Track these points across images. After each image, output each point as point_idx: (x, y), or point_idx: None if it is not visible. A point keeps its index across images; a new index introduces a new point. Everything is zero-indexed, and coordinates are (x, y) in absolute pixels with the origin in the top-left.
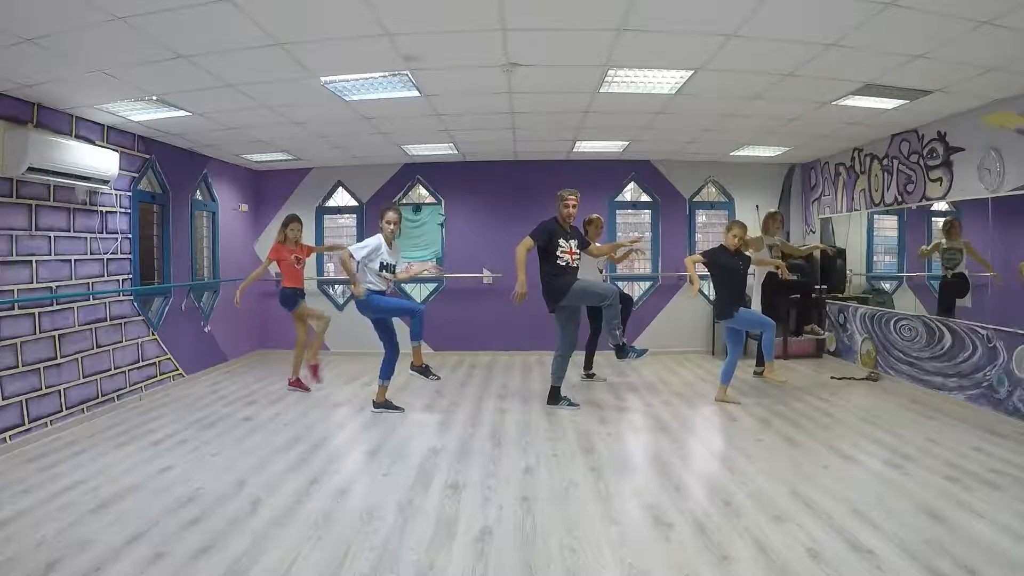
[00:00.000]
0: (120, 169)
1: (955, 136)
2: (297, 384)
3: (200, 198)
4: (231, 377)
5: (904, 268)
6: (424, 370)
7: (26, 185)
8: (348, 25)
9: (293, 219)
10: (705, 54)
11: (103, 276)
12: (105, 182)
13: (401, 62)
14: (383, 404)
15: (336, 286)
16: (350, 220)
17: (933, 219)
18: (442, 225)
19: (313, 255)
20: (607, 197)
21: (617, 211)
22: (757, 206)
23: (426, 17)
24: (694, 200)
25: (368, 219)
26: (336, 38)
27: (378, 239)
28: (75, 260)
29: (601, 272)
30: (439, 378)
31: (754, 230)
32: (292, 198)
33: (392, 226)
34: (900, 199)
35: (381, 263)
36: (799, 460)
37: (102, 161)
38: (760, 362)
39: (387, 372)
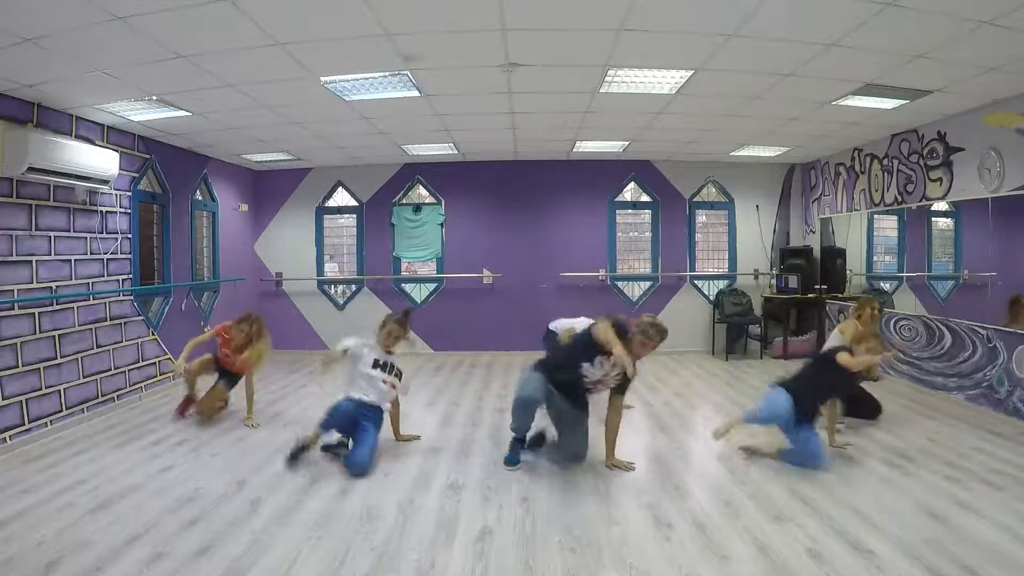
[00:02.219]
0: (120, 169)
1: (955, 136)
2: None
3: (200, 198)
4: None
5: (904, 268)
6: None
7: (26, 185)
8: (348, 25)
9: (243, 319)
10: (705, 54)
11: (103, 276)
12: (105, 182)
13: (401, 62)
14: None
15: (334, 286)
16: (350, 220)
17: (933, 219)
18: (442, 225)
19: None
20: (607, 197)
21: (617, 211)
22: (757, 206)
23: (426, 17)
24: (694, 200)
25: (368, 219)
26: (336, 38)
27: (359, 342)
28: (75, 260)
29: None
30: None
31: (754, 231)
32: (292, 198)
33: (392, 338)
34: (900, 199)
35: (375, 360)
36: None
37: (102, 161)
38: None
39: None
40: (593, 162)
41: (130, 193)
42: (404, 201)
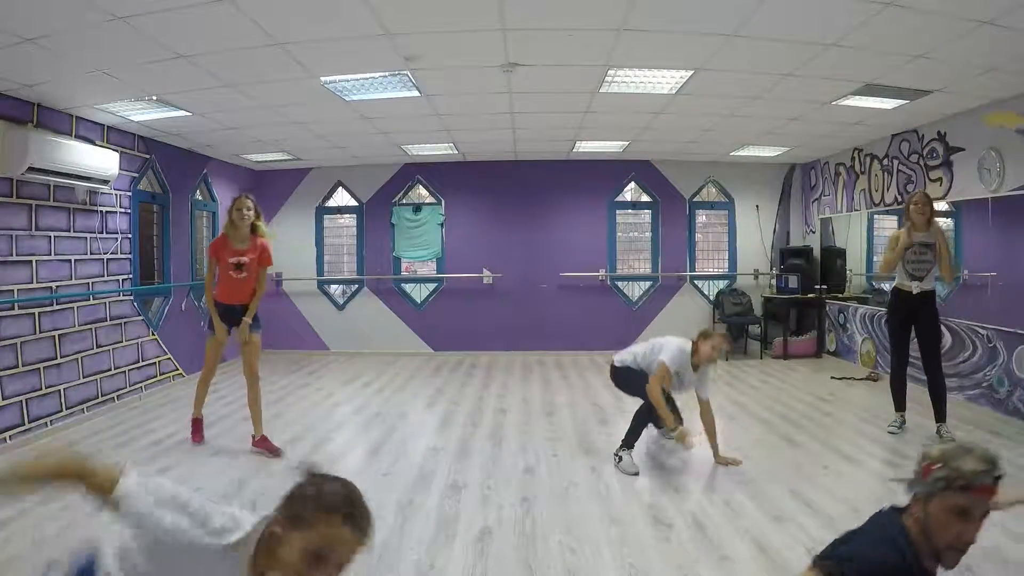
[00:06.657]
0: (120, 169)
1: (955, 136)
2: (264, 444)
3: (200, 198)
4: (231, 377)
5: None
6: None
7: (26, 185)
8: (348, 25)
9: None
10: (705, 54)
11: (103, 276)
12: (105, 182)
13: (401, 62)
14: None
15: (333, 285)
16: (350, 220)
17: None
18: (442, 225)
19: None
20: (607, 197)
21: (617, 211)
22: (757, 206)
23: (426, 17)
24: (694, 200)
25: (368, 219)
26: (336, 38)
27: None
28: (75, 260)
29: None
30: None
31: (754, 231)
32: (292, 198)
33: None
34: (900, 199)
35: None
36: (799, 460)
37: (102, 161)
38: None
39: None
40: (593, 162)
41: (130, 193)
42: (404, 201)
